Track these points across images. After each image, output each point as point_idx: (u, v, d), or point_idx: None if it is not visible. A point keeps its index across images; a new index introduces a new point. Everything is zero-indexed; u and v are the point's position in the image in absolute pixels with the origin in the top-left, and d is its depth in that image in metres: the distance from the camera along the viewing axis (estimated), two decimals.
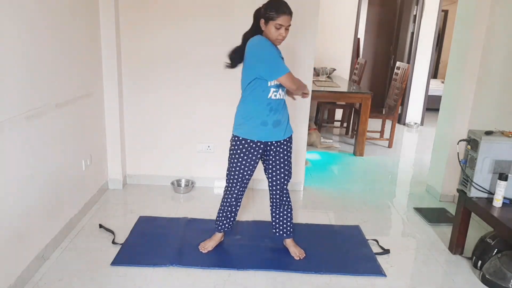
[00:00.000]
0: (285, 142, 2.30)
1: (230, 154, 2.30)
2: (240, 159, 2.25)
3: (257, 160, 2.29)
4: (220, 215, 2.46)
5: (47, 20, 2.26)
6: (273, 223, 2.48)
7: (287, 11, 2.07)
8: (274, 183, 2.37)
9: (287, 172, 2.36)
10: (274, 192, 2.40)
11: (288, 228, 2.45)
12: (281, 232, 2.47)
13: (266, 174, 2.39)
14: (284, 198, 2.42)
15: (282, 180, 2.36)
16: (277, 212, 2.44)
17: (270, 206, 2.46)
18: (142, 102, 3.31)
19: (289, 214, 2.44)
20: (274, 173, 2.35)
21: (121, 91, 3.24)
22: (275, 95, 2.17)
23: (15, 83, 1.96)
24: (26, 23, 2.05)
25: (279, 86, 2.16)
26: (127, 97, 3.28)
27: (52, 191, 2.38)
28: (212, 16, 3.13)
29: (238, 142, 2.23)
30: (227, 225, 2.48)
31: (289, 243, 2.49)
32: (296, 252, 2.45)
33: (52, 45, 2.32)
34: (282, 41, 2.13)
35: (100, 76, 3.08)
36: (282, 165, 2.33)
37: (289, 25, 2.10)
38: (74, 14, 2.60)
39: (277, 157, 2.30)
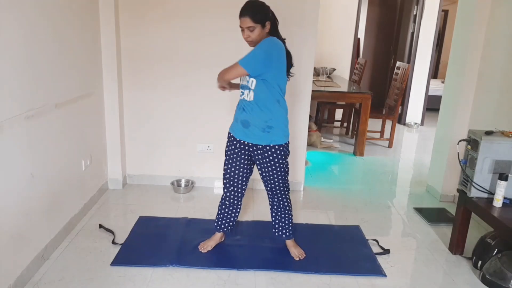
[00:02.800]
0: (266, 151, 2.20)
1: None
2: (226, 152, 2.35)
3: (240, 159, 2.29)
4: (219, 214, 2.48)
5: (47, 19, 2.26)
6: (273, 223, 2.48)
7: (242, 13, 2.08)
8: (267, 189, 2.38)
9: (275, 185, 2.30)
10: (269, 197, 2.42)
11: (286, 229, 2.44)
12: (280, 233, 2.46)
13: None
14: (281, 204, 2.38)
15: (273, 190, 2.34)
16: (276, 213, 2.43)
17: (270, 206, 2.46)
18: (142, 101, 3.31)
19: (287, 217, 2.41)
20: (264, 181, 2.34)
21: (121, 91, 3.24)
22: (241, 95, 2.24)
23: (15, 83, 1.96)
24: (26, 23, 2.05)
25: (245, 87, 2.19)
26: (127, 96, 3.28)
27: (52, 191, 2.38)
28: (213, 15, 3.12)
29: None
30: (226, 225, 2.48)
31: (289, 243, 2.49)
32: (296, 252, 2.45)
33: (52, 44, 2.32)
34: (250, 43, 2.14)
35: (100, 76, 3.08)
36: (268, 175, 2.28)
37: (248, 27, 2.08)
38: (74, 14, 2.60)
39: (262, 166, 2.26)
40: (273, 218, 2.46)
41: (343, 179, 3.98)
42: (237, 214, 2.48)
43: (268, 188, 2.35)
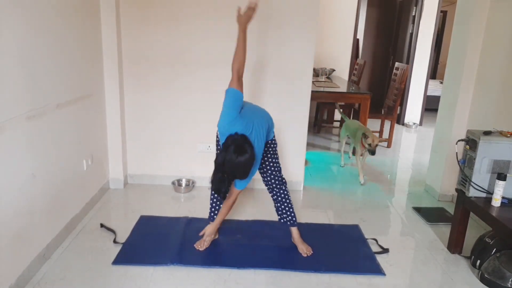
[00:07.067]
0: (274, 142, 2.45)
1: None
2: None
3: None
4: (217, 204, 2.59)
5: (48, 20, 2.27)
6: (281, 214, 2.54)
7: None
8: (275, 182, 2.46)
9: (279, 174, 2.48)
10: (275, 190, 2.49)
11: (287, 215, 2.51)
12: (283, 221, 2.53)
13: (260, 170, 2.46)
14: (285, 191, 2.50)
15: (279, 180, 2.47)
16: (282, 202, 2.50)
17: (276, 200, 2.52)
18: (143, 101, 3.32)
19: (291, 203, 2.51)
20: (272, 174, 2.45)
21: (122, 91, 3.25)
22: None
23: (16, 84, 1.97)
24: (27, 23, 2.06)
25: None
26: (128, 97, 3.29)
27: (53, 191, 2.39)
28: (214, 16, 3.13)
29: None
30: (217, 213, 2.58)
31: (297, 239, 2.53)
32: (303, 249, 2.49)
33: (53, 45, 2.33)
34: None
35: (101, 76, 3.09)
36: (276, 165, 2.44)
37: None
38: (75, 14, 2.61)
39: (273, 157, 2.42)
40: (281, 209, 2.51)
41: (343, 178, 3.99)
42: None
43: (277, 179, 2.45)
